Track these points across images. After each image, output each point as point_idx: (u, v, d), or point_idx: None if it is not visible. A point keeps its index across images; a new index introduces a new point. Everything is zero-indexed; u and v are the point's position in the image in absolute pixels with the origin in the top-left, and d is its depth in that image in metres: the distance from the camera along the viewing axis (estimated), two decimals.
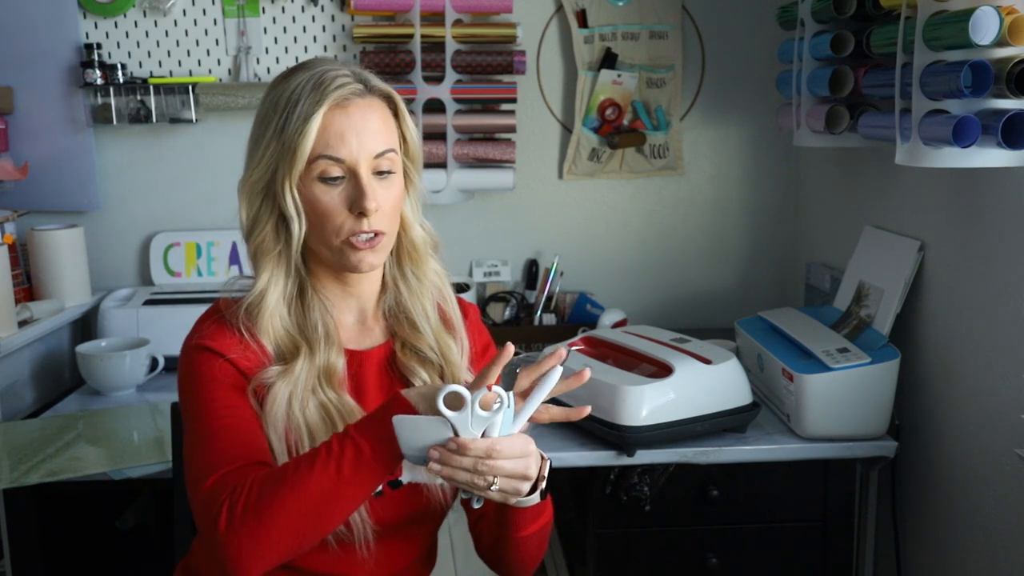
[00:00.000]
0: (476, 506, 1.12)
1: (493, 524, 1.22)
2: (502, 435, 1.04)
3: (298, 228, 1.16)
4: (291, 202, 1.15)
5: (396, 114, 1.21)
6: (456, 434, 1.02)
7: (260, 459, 1.10)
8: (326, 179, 1.15)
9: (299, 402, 1.16)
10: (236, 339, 1.17)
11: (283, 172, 1.14)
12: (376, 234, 1.17)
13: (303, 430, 1.16)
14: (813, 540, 1.77)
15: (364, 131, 1.15)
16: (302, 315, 1.20)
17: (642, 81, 2.35)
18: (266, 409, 1.15)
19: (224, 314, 1.19)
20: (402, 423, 1.04)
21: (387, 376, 1.25)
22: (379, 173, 1.17)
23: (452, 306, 1.31)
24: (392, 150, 1.18)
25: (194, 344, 1.17)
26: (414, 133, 1.23)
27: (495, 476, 1.03)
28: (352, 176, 1.15)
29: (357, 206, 1.14)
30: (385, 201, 1.17)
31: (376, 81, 1.20)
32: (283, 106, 1.15)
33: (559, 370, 1.09)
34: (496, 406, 1.03)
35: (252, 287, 1.19)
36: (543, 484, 1.13)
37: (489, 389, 1.03)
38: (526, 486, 1.07)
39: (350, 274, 1.22)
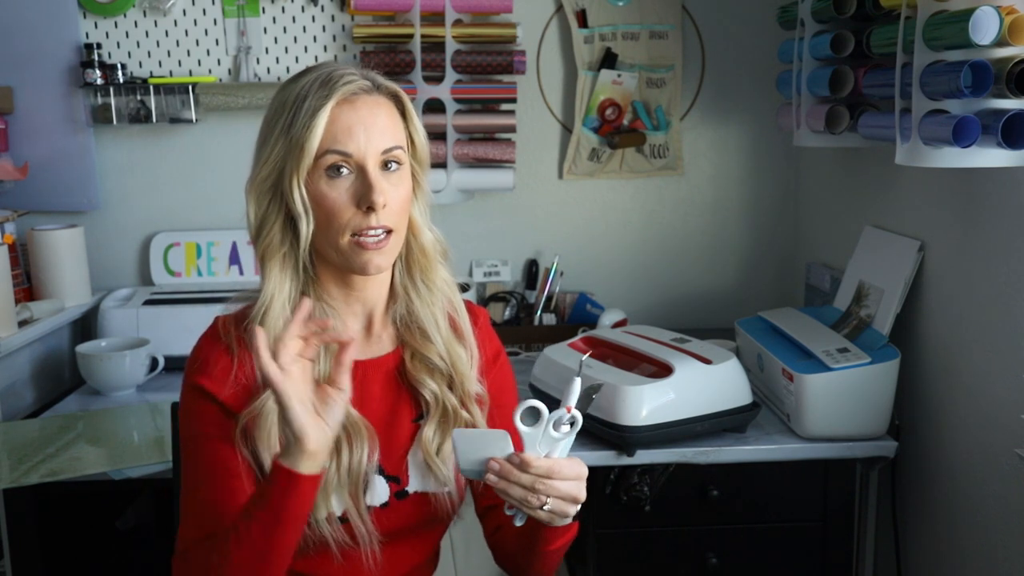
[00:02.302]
0: (518, 523, 1.13)
1: (523, 536, 1.20)
2: (561, 457, 1.07)
3: (306, 226, 1.15)
4: (299, 199, 1.14)
5: (404, 114, 1.20)
6: (520, 449, 1.05)
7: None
8: (334, 175, 1.14)
9: None
10: (230, 365, 1.16)
11: (291, 168, 1.13)
12: (385, 233, 1.15)
13: None
14: (813, 540, 1.77)
15: (372, 126, 1.14)
16: None
17: (642, 81, 2.35)
18: (258, 434, 1.14)
19: (220, 335, 1.19)
20: (462, 436, 1.06)
21: (394, 385, 1.24)
22: (387, 169, 1.16)
23: (461, 314, 1.29)
24: (399, 147, 1.17)
25: (189, 381, 1.18)
26: (422, 135, 1.22)
27: (549, 496, 1.06)
28: (360, 171, 1.14)
29: (365, 201, 1.13)
30: (393, 198, 1.15)
31: (384, 80, 1.19)
32: (291, 104, 1.14)
33: (578, 380, 1.09)
34: (567, 428, 1.06)
35: (257, 295, 1.19)
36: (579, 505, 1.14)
37: (568, 411, 1.05)
38: (574, 509, 1.10)
39: (356, 278, 1.20)
